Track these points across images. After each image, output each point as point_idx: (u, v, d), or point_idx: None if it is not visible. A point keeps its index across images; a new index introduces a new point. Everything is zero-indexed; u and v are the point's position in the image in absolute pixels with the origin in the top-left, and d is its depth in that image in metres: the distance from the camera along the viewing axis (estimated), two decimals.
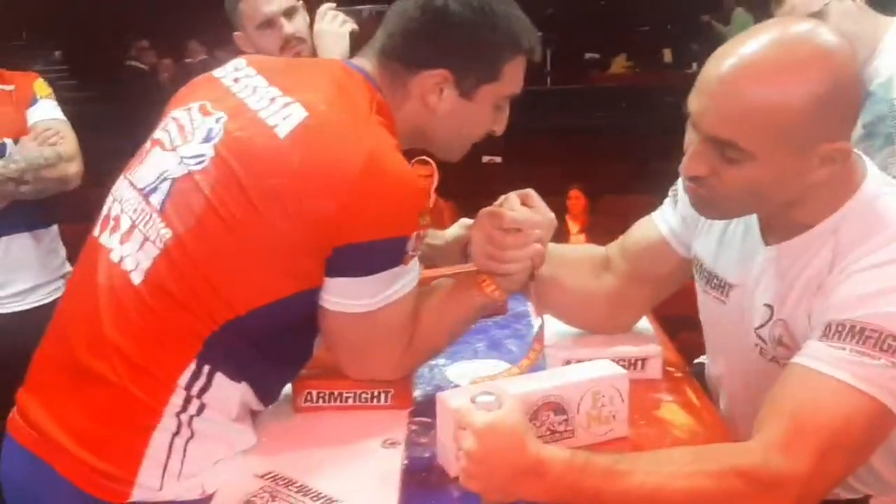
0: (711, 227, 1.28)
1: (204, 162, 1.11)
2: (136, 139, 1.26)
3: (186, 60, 8.18)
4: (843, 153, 1.06)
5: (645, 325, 1.49)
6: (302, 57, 1.99)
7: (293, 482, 1.08)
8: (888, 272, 1.02)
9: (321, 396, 1.27)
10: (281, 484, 1.08)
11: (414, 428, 1.23)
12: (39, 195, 2.03)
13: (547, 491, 0.96)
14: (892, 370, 0.98)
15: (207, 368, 1.09)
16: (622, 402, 1.18)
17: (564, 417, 1.15)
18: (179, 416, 1.09)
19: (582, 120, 7.29)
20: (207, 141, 1.13)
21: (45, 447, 1.10)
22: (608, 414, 1.18)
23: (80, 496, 1.07)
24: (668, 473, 0.97)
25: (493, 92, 1.21)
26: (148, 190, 1.15)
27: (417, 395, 1.32)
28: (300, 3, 2.08)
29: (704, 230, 1.30)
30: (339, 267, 1.09)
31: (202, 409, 1.10)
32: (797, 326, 1.11)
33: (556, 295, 1.38)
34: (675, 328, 1.65)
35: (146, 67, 8.58)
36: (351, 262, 1.09)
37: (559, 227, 1.30)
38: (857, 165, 1.12)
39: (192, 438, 1.10)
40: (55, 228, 2.18)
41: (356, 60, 1.24)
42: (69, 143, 2.08)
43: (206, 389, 1.10)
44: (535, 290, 1.29)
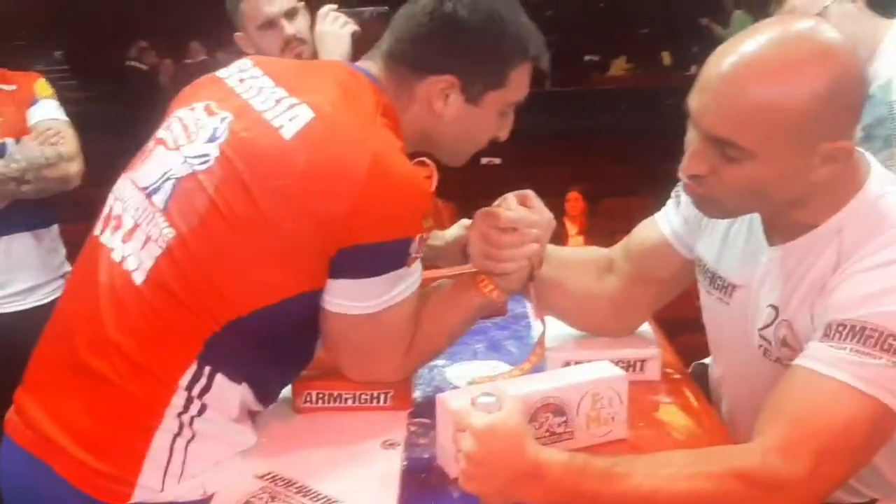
0: (714, 227, 1.27)
1: (208, 162, 1.11)
2: (136, 139, 1.26)
3: (186, 61, 8.18)
4: (845, 152, 1.04)
5: (644, 327, 1.49)
6: (303, 58, 1.99)
7: (293, 483, 1.08)
8: (891, 272, 1.01)
9: (321, 397, 1.27)
10: (280, 485, 1.08)
11: (413, 429, 1.23)
12: (40, 195, 2.03)
13: (546, 494, 0.96)
14: (893, 370, 0.97)
15: (208, 369, 1.09)
16: (621, 403, 1.18)
17: (563, 419, 1.15)
18: (181, 416, 1.09)
19: (581, 122, 7.29)
20: (212, 141, 1.13)
21: (44, 448, 1.10)
22: (607, 415, 1.18)
23: (79, 497, 1.07)
24: (666, 475, 0.96)
25: (499, 98, 1.21)
26: (151, 189, 1.14)
27: (417, 396, 1.32)
28: (301, 4, 2.08)
29: (707, 231, 1.28)
30: (342, 268, 1.09)
31: (203, 409, 1.10)
32: (801, 327, 1.10)
33: (557, 297, 1.38)
34: (674, 331, 1.65)
35: (147, 68, 8.58)
36: (355, 263, 1.09)
37: (557, 229, 1.30)
38: (860, 164, 1.11)
39: (193, 439, 1.09)
40: (56, 228, 2.18)
41: (362, 63, 1.24)
42: (70, 142, 2.08)
43: (206, 390, 1.09)
44: (534, 291, 1.29)
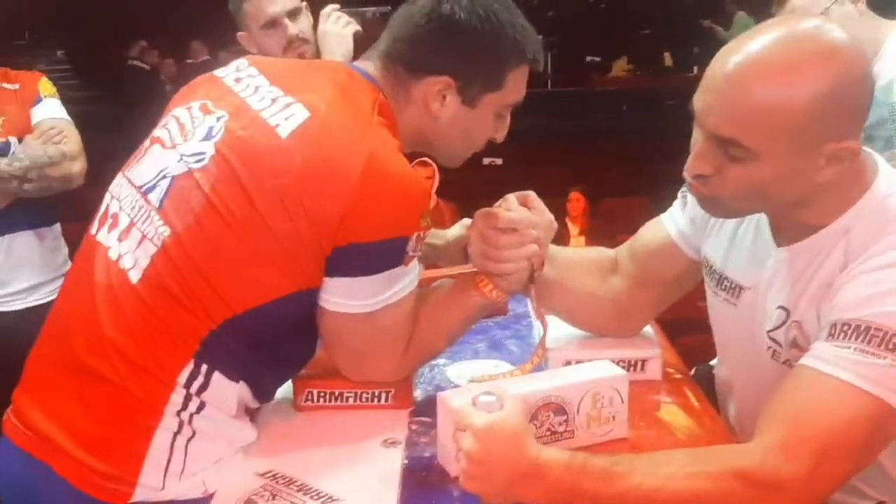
0: (721, 228, 1.26)
1: (204, 160, 1.11)
2: (138, 139, 1.26)
3: (188, 61, 8.18)
4: (850, 153, 1.03)
5: (646, 327, 1.48)
6: (305, 58, 1.99)
7: (294, 481, 1.08)
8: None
9: (322, 396, 1.27)
10: (281, 483, 1.08)
11: (414, 427, 1.23)
12: (43, 193, 2.03)
13: (546, 493, 0.96)
14: None
15: (205, 367, 1.09)
16: (622, 403, 1.18)
17: (564, 418, 1.15)
18: (180, 414, 1.08)
19: (582, 123, 7.30)
20: (208, 139, 1.13)
21: (43, 448, 1.09)
22: (608, 415, 1.18)
23: (79, 497, 1.06)
24: (666, 474, 0.96)
25: (495, 100, 1.21)
26: (147, 188, 1.14)
27: (418, 394, 1.32)
28: (304, 4, 2.08)
29: (714, 232, 1.27)
30: (339, 267, 1.09)
31: (202, 407, 1.10)
32: (811, 328, 1.09)
33: (560, 297, 1.37)
34: (676, 331, 1.65)
35: (148, 67, 8.58)
36: (351, 262, 1.09)
37: (559, 229, 1.30)
38: (867, 164, 1.10)
39: (193, 437, 1.09)
40: (58, 227, 2.19)
41: (359, 63, 1.24)
42: (73, 141, 2.08)
43: (204, 388, 1.09)
44: (535, 292, 1.29)
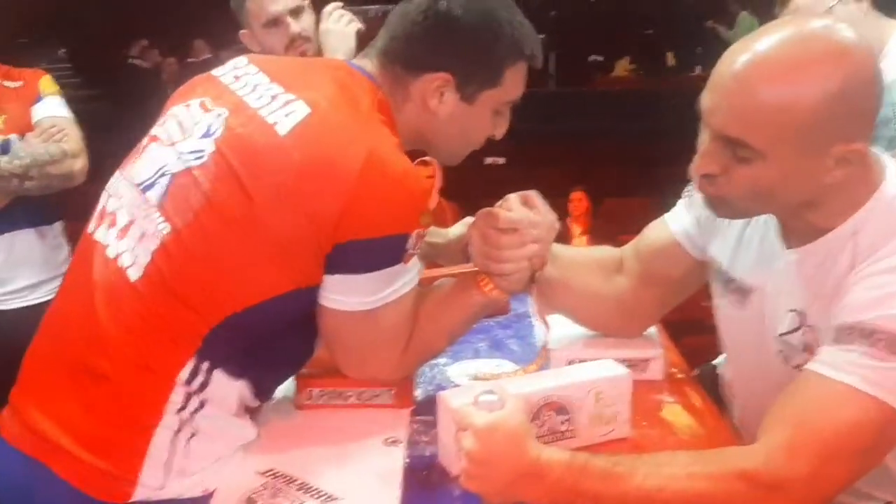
0: (728, 229, 1.24)
1: (203, 157, 1.11)
2: (139, 138, 1.26)
3: (190, 60, 8.18)
4: (859, 155, 1.02)
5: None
6: (307, 56, 1.99)
7: (294, 480, 1.08)
8: None
9: (323, 394, 1.27)
10: (282, 481, 1.08)
11: (415, 426, 1.23)
12: (44, 191, 2.03)
13: (547, 493, 0.96)
14: None
15: (206, 365, 1.09)
16: (624, 402, 1.18)
17: (566, 417, 1.14)
18: (180, 413, 1.08)
19: (585, 122, 7.28)
20: (207, 136, 1.12)
21: (42, 448, 1.09)
22: (610, 414, 1.17)
23: (79, 497, 1.06)
24: (668, 475, 0.96)
25: (493, 97, 1.21)
26: (145, 185, 1.14)
27: (419, 393, 1.32)
28: (306, 2, 2.08)
29: (721, 232, 1.26)
30: (338, 264, 1.09)
31: (202, 405, 1.09)
32: (821, 332, 1.08)
33: (563, 296, 1.37)
34: (679, 332, 1.64)
35: (148, 66, 8.58)
36: (351, 259, 1.09)
37: (561, 229, 1.29)
38: (875, 164, 1.09)
39: (193, 436, 1.09)
40: (59, 225, 2.18)
41: (357, 61, 1.24)
42: (74, 139, 2.08)
43: (205, 386, 1.09)
44: (537, 292, 1.29)
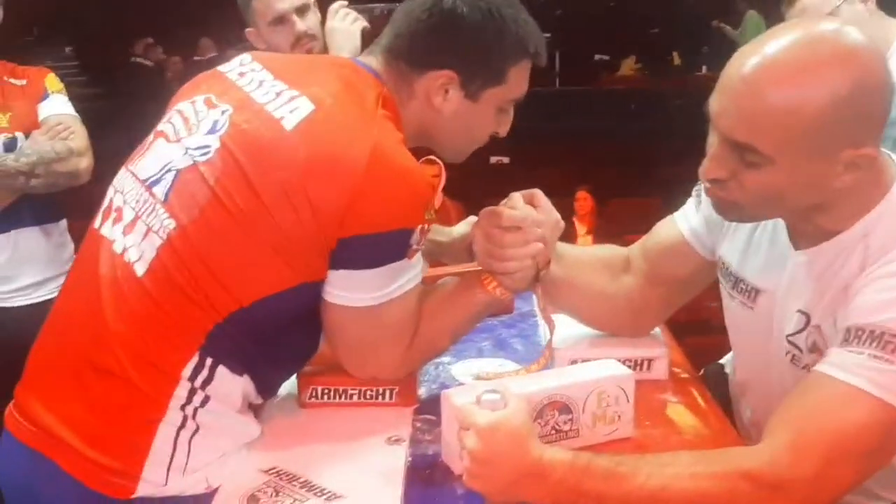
0: (737, 229, 1.24)
1: (209, 153, 1.11)
2: (144, 136, 1.26)
3: (195, 58, 8.19)
4: (868, 159, 1.01)
5: None
6: (313, 54, 1.99)
7: (297, 477, 1.08)
8: None
9: (326, 393, 1.27)
10: (285, 479, 1.08)
11: (418, 425, 1.23)
12: (49, 189, 2.03)
13: (549, 493, 0.96)
14: None
15: (210, 361, 1.09)
16: (628, 402, 1.18)
17: (569, 417, 1.14)
18: (184, 408, 1.09)
19: (590, 122, 7.29)
20: (213, 132, 1.13)
21: (46, 443, 1.09)
22: (613, 414, 1.17)
23: (83, 492, 1.06)
24: (671, 474, 0.96)
25: (498, 95, 1.21)
26: (151, 181, 1.15)
27: (422, 392, 1.32)
28: (312, 0, 2.08)
29: (730, 233, 1.26)
30: (342, 259, 1.09)
31: (206, 400, 1.10)
32: (829, 333, 1.07)
33: (568, 295, 1.36)
34: (683, 332, 1.64)
35: (151, 64, 8.60)
36: (354, 254, 1.09)
37: (566, 228, 1.29)
38: (886, 166, 1.08)
39: (197, 432, 1.09)
40: (64, 223, 2.19)
41: (362, 58, 1.25)
42: (80, 137, 2.08)
43: (209, 381, 1.09)
44: (541, 290, 1.29)
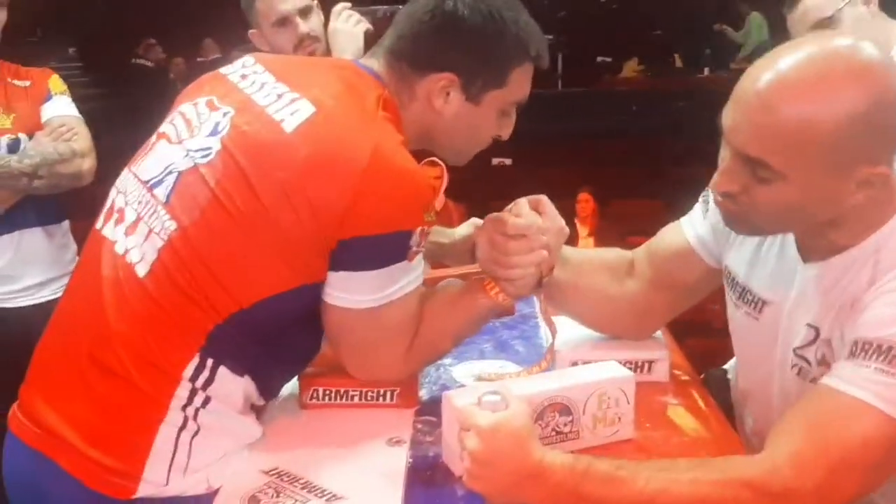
0: (745, 239, 1.23)
1: (210, 155, 1.12)
2: (147, 137, 1.27)
3: (199, 59, 8.21)
4: (883, 178, 1.00)
5: None
6: (316, 56, 2.00)
7: (298, 479, 1.08)
8: None
9: (327, 394, 1.28)
10: (286, 480, 1.08)
11: (419, 427, 1.23)
12: (52, 190, 2.04)
13: (549, 495, 0.96)
14: None
15: (211, 362, 1.09)
16: (628, 404, 1.18)
17: (570, 418, 1.14)
18: (185, 409, 1.09)
19: (592, 123, 7.28)
20: (214, 134, 1.13)
21: (49, 444, 1.10)
22: (614, 416, 1.17)
23: (85, 493, 1.07)
24: (671, 480, 0.96)
25: (499, 98, 1.21)
26: (153, 182, 1.15)
27: (423, 394, 1.32)
28: (315, 2, 2.08)
29: (737, 243, 1.25)
30: (343, 261, 1.10)
31: (207, 401, 1.10)
32: (838, 346, 1.07)
33: (572, 299, 1.36)
34: (683, 334, 1.64)
35: (153, 65, 8.62)
36: (355, 255, 1.09)
37: (568, 230, 1.29)
38: None
39: (198, 433, 1.10)
40: (67, 224, 2.19)
41: (364, 60, 1.25)
42: (83, 139, 2.09)
43: (210, 382, 1.10)
44: (544, 297, 1.29)
